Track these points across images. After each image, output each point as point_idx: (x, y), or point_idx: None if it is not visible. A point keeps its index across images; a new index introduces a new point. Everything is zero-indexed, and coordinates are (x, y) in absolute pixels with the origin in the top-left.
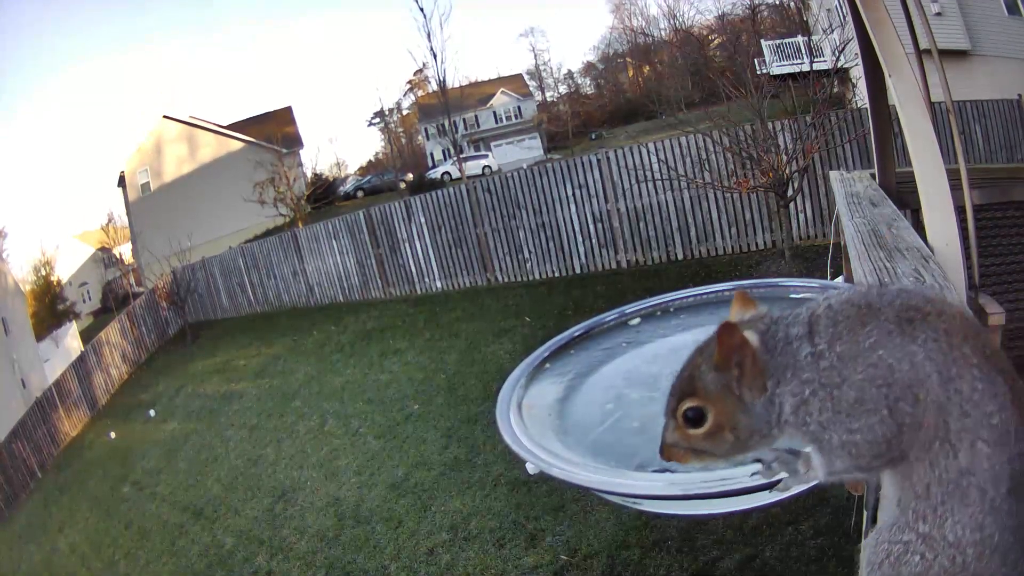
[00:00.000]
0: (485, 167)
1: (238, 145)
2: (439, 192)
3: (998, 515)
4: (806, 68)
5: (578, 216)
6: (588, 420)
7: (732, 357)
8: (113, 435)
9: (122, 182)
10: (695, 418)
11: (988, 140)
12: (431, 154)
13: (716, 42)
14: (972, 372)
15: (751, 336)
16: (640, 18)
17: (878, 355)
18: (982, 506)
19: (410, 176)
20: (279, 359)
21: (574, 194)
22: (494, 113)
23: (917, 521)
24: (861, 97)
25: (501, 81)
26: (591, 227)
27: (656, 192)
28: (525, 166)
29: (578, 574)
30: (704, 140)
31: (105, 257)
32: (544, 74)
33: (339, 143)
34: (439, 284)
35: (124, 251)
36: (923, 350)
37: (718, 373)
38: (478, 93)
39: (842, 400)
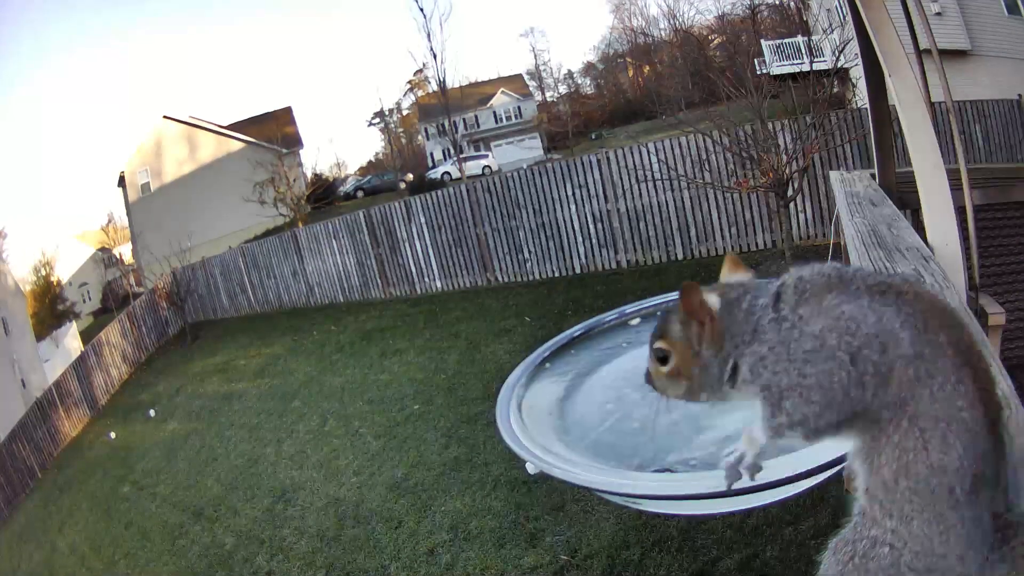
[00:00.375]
0: (485, 167)
1: (238, 145)
2: (439, 192)
3: (960, 509)
4: (806, 68)
5: (578, 216)
6: (588, 420)
7: (693, 314)
8: (113, 435)
9: (122, 182)
10: (661, 358)
11: (988, 140)
12: (431, 154)
13: (716, 42)
14: (945, 362)
15: (712, 299)
16: (640, 18)
17: (842, 310)
18: (949, 503)
19: (410, 176)
20: (279, 359)
21: (574, 194)
22: (494, 113)
23: (884, 517)
24: (861, 97)
25: (501, 81)
26: (591, 227)
27: (656, 192)
28: (525, 166)
29: (578, 574)
30: (704, 140)
31: (105, 257)
32: (544, 74)
33: (339, 143)
34: (439, 284)
35: (124, 251)
36: (898, 317)
37: (682, 326)
38: (478, 93)
39: (798, 349)
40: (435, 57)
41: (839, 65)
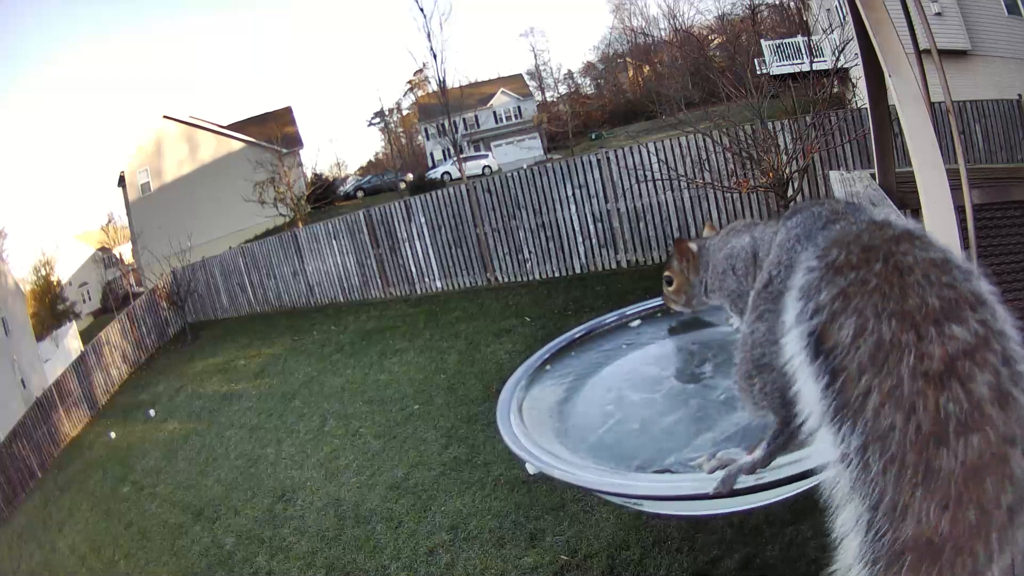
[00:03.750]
0: (485, 167)
1: (238, 145)
2: (439, 192)
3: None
4: (806, 68)
5: (578, 216)
6: (588, 421)
7: (683, 255)
8: (113, 435)
9: (122, 182)
10: (667, 281)
11: (988, 140)
12: (431, 154)
13: (716, 42)
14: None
15: (692, 245)
16: (640, 18)
17: (730, 244)
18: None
19: (410, 176)
20: (279, 359)
21: (574, 194)
22: (494, 113)
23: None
24: (861, 97)
25: (501, 81)
26: (591, 227)
27: (656, 192)
28: (525, 166)
29: (578, 574)
30: (704, 140)
31: (105, 257)
32: (544, 74)
33: (339, 143)
34: (439, 284)
35: (124, 251)
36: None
37: (677, 262)
38: (478, 93)
39: (716, 268)
40: (435, 57)
41: (839, 65)
